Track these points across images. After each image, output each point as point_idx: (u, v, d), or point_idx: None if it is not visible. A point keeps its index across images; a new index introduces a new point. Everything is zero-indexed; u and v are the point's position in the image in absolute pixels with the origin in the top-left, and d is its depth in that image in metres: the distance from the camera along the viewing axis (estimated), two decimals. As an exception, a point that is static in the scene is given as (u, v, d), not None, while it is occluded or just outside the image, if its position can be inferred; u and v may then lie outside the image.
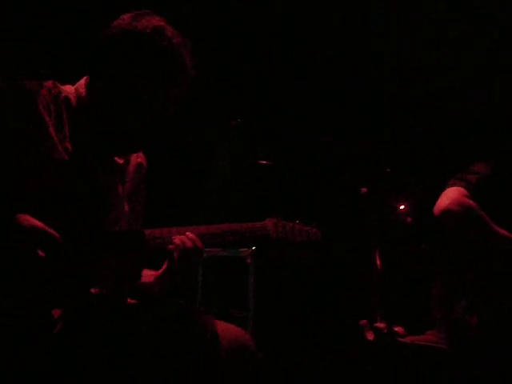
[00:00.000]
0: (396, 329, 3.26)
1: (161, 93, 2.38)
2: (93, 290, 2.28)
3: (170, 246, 2.41)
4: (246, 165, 4.44)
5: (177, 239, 2.40)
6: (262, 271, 4.06)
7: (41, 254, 2.11)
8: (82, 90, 2.42)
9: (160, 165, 2.97)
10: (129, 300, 2.52)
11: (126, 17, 2.39)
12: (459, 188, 3.45)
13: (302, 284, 4.40)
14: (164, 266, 2.51)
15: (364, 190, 3.43)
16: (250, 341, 2.51)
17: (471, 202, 3.40)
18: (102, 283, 2.31)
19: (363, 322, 3.26)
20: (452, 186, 3.48)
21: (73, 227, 2.23)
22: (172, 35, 2.38)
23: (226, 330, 2.42)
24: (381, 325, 3.22)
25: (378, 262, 3.33)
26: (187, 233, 2.43)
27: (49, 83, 2.38)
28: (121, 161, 2.52)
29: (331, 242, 2.98)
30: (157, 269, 2.55)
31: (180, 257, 2.41)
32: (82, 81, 2.46)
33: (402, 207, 4.44)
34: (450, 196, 3.43)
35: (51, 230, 2.14)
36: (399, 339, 3.25)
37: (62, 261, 2.18)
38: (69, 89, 2.43)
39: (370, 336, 3.22)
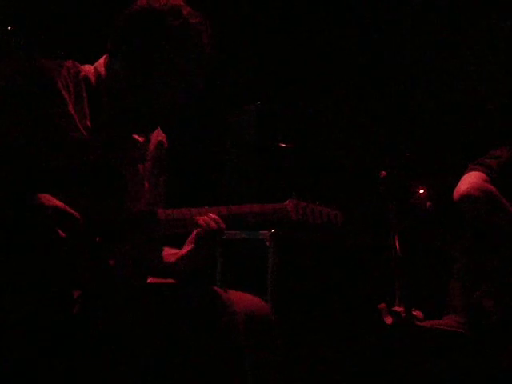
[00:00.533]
0: (414, 313, 3.26)
1: (177, 72, 2.39)
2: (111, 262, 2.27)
3: (195, 230, 2.42)
4: (267, 147, 4.43)
5: (200, 220, 2.40)
6: (282, 254, 4.05)
7: (61, 234, 2.11)
8: (101, 69, 2.43)
9: (180, 145, 2.97)
10: (149, 279, 2.52)
11: None
12: (479, 173, 3.43)
13: (321, 267, 4.39)
14: (186, 246, 2.52)
15: (383, 173, 3.42)
16: (267, 309, 2.51)
17: (491, 187, 3.38)
18: (121, 263, 2.31)
19: (382, 305, 3.25)
20: (472, 170, 3.46)
21: (92, 206, 2.23)
22: (189, 14, 2.38)
23: (243, 299, 2.43)
24: (399, 309, 3.22)
25: (397, 246, 3.32)
26: (209, 214, 2.43)
27: (68, 63, 2.38)
28: (141, 139, 2.53)
29: (350, 225, 2.97)
30: (178, 247, 2.55)
31: (203, 237, 2.41)
32: (101, 60, 2.47)
33: (421, 191, 4.43)
34: (470, 180, 3.41)
35: (72, 210, 2.14)
36: (417, 323, 3.24)
37: (81, 241, 2.18)
38: (88, 68, 2.44)
39: (389, 320, 3.22)
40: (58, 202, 2.12)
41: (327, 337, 4.24)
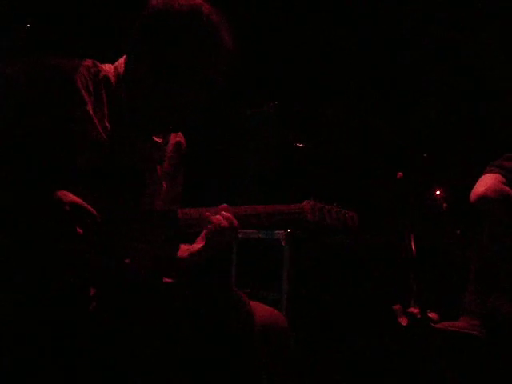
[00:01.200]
0: (430, 314, 3.25)
1: (198, 72, 2.38)
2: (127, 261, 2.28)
3: (208, 226, 2.42)
4: (283, 147, 4.44)
5: (213, 218, 2.40)
6: (297, 253, 4.07)
7: (79, 230, 2.12)
8: (121, 69, 2.42)
9: (196, 147, 2.97)
10: (164, 279, 2.53)
11: None
12: (496, 174, 3.42)
13: (336, 267, 4.39)
14: (198, 242, 2.52)
15: (400, 174, 3.42)
16: (283, 321, 2.52)
17: (508, 189, 3.37)
18: (137, 261, 2.32)
19: (397, 306, 3.25)
20: (489, 172, 3.46)
21: (109, 205, 2.24)
22: (209, 14, 2.35)
23: (260, 309, 2.43)
24: (414, 310, 3.22)
25: (413, 247, 3.32)
26: (223, 212, 2.43)
27: (88, 62, 2.37)
28: (159, 140, 2.53)
29: (367, 226, 2.97)
30: (191, 242, 2.56)
31: (216, 235, 2.41)
32: (122, 60, 2.45)
33: (437, 193, 4.42)
34: (487, 182, 3.41)
35: (90, 207, 2.15)
36: (432, 325, 3.24)
37: (98, 238, 2.18)
38: (108, 68, 2.42)
39: (404, 321, 3.22)
40: (76, 198, 2.13)
41: (342, 336, 4.24)
